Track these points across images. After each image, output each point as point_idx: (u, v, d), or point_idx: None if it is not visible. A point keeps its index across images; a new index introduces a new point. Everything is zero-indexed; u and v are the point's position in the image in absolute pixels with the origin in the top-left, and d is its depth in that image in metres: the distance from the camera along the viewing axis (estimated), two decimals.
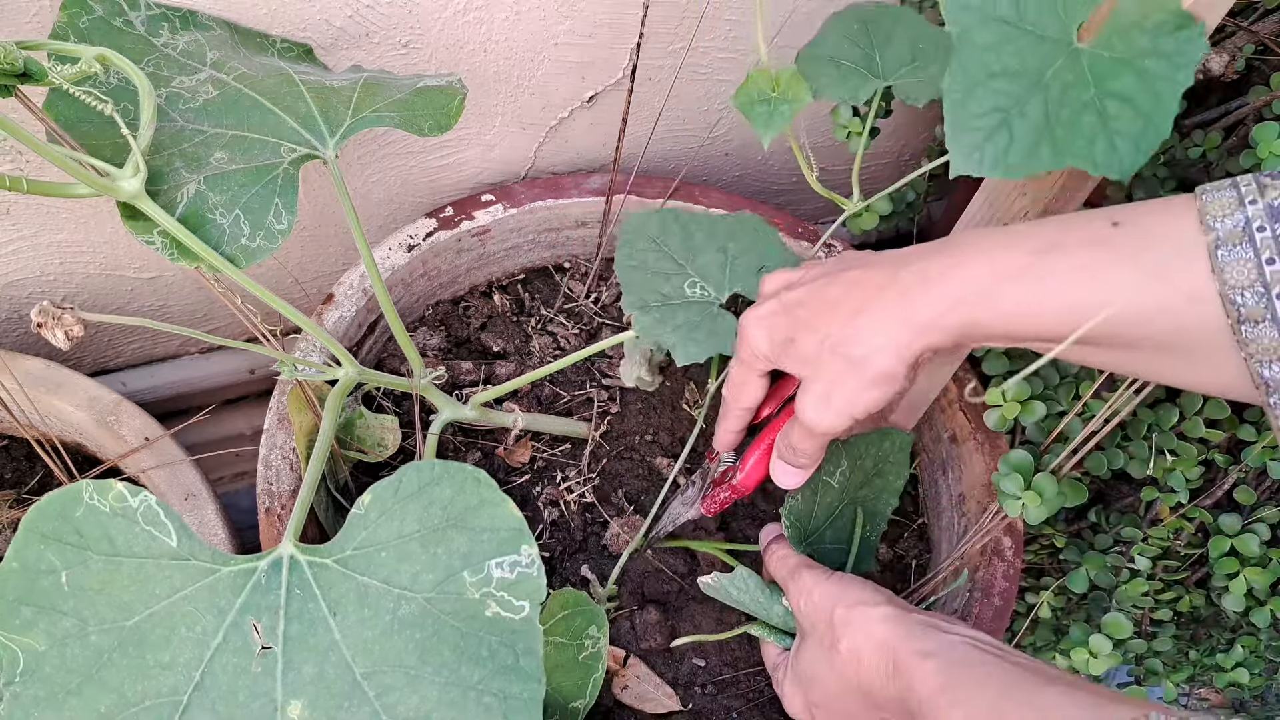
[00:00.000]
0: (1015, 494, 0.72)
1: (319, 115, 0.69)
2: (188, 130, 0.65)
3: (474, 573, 0.54)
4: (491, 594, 0.54)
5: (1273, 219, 0.43)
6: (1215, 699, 1.02)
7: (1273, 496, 0.83)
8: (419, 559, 0.54)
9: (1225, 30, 0.83)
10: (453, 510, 0.55)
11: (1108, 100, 0.51)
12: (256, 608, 0.54)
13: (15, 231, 0.82)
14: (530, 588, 0.54)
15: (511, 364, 0.93)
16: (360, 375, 0.70)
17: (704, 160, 1.09)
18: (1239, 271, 0.43)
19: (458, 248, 0.92)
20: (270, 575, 0.55)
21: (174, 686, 0.52)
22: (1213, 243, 0.43)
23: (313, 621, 0.54)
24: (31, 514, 0.52)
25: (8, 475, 0.89)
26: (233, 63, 0.69)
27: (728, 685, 0.83)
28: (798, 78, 0.69)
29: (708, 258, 0.77)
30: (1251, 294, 0.43)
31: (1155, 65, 0.50)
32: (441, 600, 0.54)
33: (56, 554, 0.52)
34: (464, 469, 0.55)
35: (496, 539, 0.54)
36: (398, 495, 0.56)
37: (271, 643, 0.53)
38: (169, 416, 0.93)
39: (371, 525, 0.55)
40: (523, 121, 0.94)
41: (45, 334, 0.52)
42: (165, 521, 0.54)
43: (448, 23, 0.81)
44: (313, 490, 0.62)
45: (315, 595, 0.54)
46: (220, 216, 0.63)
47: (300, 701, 0.52)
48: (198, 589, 0.54)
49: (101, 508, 0.53)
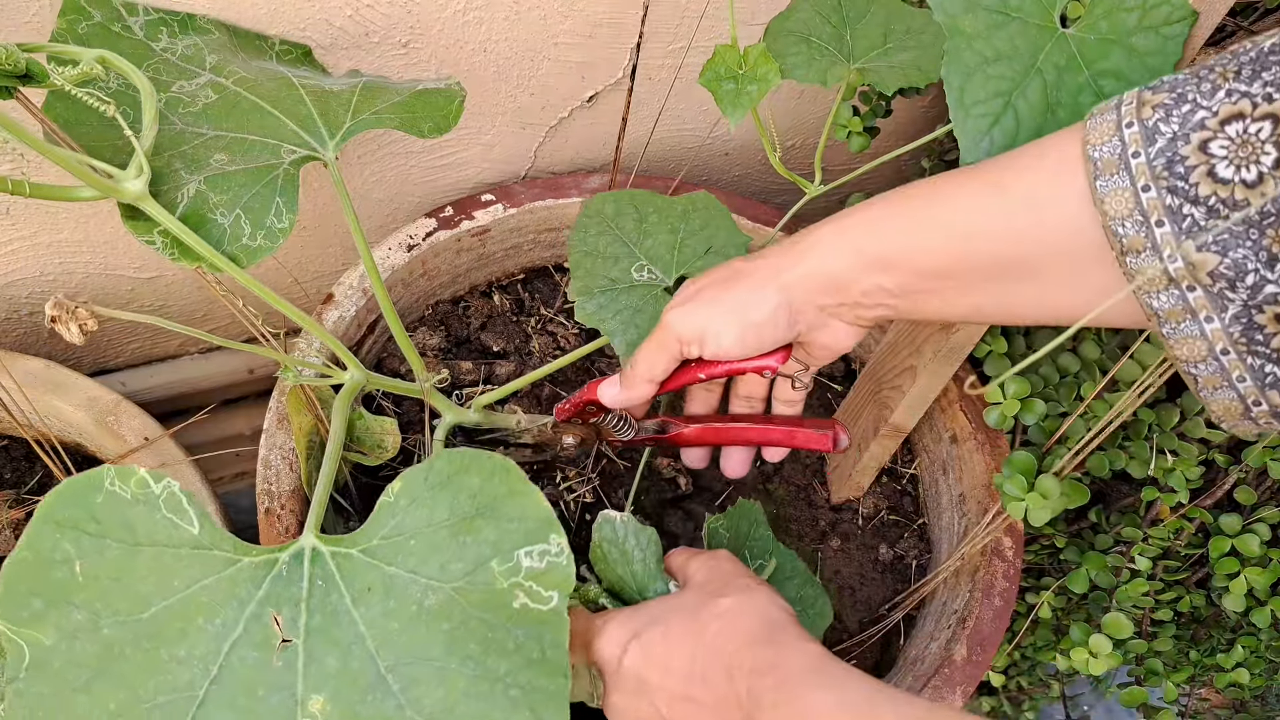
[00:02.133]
0: (1018, 496, 0.72)
1: (318, 118, 0.68)
2: (188, 133, 0.65)
3: (503, 561, 0.53)
4: (520, 584, 0.53)
5: (1147, 142, 0.42)
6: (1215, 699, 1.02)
7: (1273, 496, 0.83)
8: (447, 548, 0.53)
9: (1225, 29, 0.83)
10: (482, 498, 0.54)
11: (1103, 79, 0.51)
12: (278, 600, 0.53)
13: (15, 231, 0.82)
14: (560, 577, 0.53)
15: (511, 364, 0.93)
16: (367, 380, 0.70)
17: (704, 160, 1.09)
18: (1118, 201, 0.42)
19: (457, 247, 0.92)
20: (292, 566, 0.54)
21: (190, 681, 0.51)
22: (1091, 174, 0.43)
23: (335, 613, 0.53)
24: (48, 500, 0.51)
25: (7, 475, 0.89)
26: (232, 66, 0.69)
27: None
28: (766, 56, 0.66)
29: (658, 239, 0.75)
30: (1131, 224, 0.42)
31: (1144, 41, 0.51)
32: (469, 590, 0.53)
33: (72, 542, 0.51)
34: (493, 458, 0.54)
35: (525, 528, 0.53)
36: (428, 483, 0.54)
37: (292, 635, 0.52)
38: (169, 416, 0.93)
39: (402, 513, 0.54)
40: (523, 121, 0.94)
41: (59, 328, 0.51)
42: (188, 509, 0.52)
43: (448, 22, 0.81)
44: (330, 484, 0.62)
45: (339, 586, 0.53)
46: (221, 216, 0.63)
47: (322, 696, 0.51)
48: (218, 580, 0.52)
49: (123, 494, 0.52)
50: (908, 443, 0.95)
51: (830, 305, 0.58)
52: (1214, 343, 0.42)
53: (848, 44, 0.70)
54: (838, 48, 0.70)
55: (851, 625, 0.88)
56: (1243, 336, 0.42)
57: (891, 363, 0.82)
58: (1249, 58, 0.41)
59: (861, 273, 0.55)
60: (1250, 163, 0.39)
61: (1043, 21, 0.52)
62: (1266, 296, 0.40)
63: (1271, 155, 0.39)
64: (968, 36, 0.52)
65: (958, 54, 0.52)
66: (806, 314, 0.58)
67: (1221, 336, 0.42)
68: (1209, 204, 0.40)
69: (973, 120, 0.52)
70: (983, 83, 0.52)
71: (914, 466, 0.95)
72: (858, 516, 0.93)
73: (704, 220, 0.75)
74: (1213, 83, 0.41)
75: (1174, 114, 0.41)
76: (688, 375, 0.65)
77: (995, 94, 0.52)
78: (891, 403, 0.81)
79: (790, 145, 1.11)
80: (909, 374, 0.79)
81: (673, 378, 0.65)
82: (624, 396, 0.67)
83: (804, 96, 1.04)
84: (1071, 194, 0.45)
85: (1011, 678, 1.06)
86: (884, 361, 0.83)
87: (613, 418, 0.73)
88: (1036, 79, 0.52)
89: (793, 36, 0.70)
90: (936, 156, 1.10)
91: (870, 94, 0.86)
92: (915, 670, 0.81)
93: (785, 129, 1.08)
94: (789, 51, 0.69)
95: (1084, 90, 0.51)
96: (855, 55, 0.70)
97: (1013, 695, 1.08)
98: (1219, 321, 0.42)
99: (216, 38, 0.71)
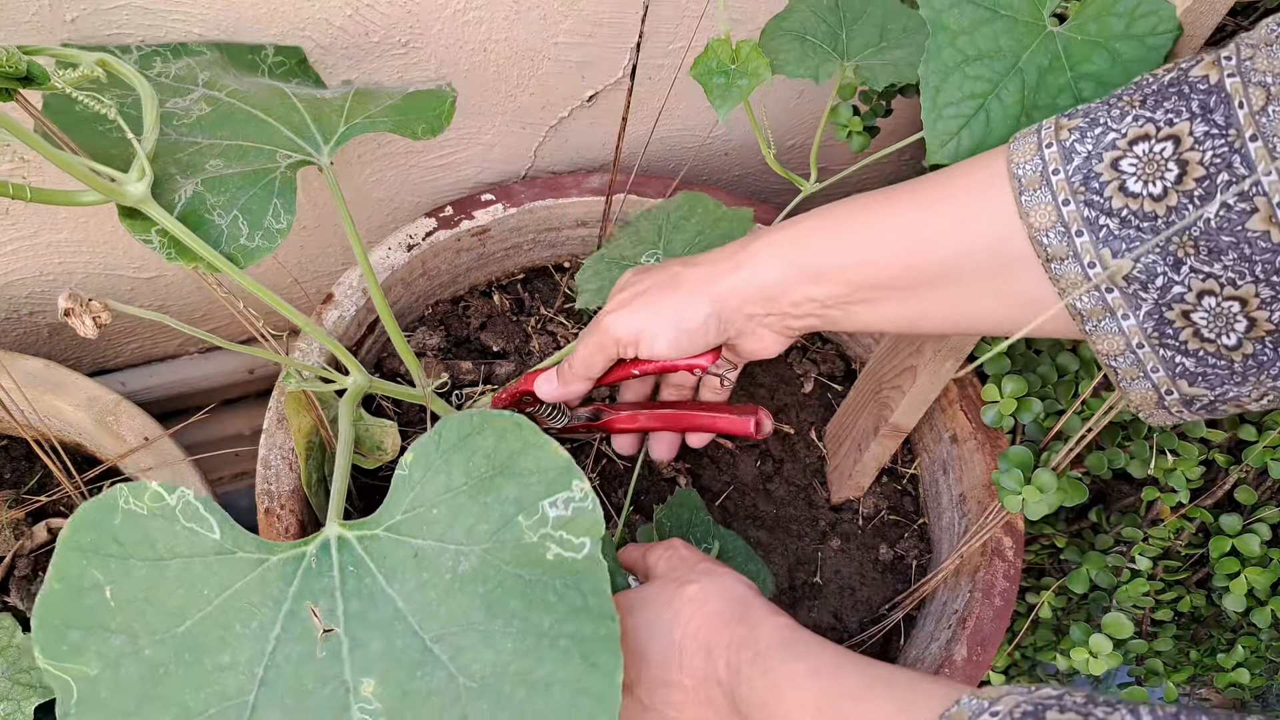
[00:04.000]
0: (1015, 489, 0.72)
1: (312, 123, 0.69)
2: (183, 142, 0.66)
3: (529, 515, 0.52)
4: (550, 535, 0.52)
5: (1065, 160, 0.46)
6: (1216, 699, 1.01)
7: (1273, 496, 0.83)
8: (471, 511, 0.53)
9: (1225, 29, 0.83)
10: (497, 458, 0.53)
11: (1083, 83, 0.52)
12: (311, 592, 0.52)
13: (15, 231, 0.82)
14: (588, 522, 0.52)
15: (511, 364, 0.93)
16: (370, 385, 0.70)
17: (704, 160, 1.09)
18: (1041, 214, 0.47)
19: (457, 247, 0.92)
20: (320, 558, 0.53)
21: (239, 688, 0.50)
22: (1016, 189, 0.48)
23: (372, 595, 0.52)
24: (69, 529, 0.51)
25: (7, 475, 0.89)
26: (224, 81, 0.70)
27: None
28: (757, 51, 0.66)
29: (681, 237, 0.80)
30: (1054, 234, 0.47)
31: (1127, 48, 0.51)
32: (500, 549, 0.52)
33: (99, 567, 0.50)
34: (503, 416, 0.54)
35: (545, 480, 0.53)
36: (440, 449, 0.54)
37: (333, 625, 0.52)
38: (168, 416, 0.93)
39: (418, 485, 0.54)
40: (522, 121, 0.94)
41: (73, 321, 0.50)
42: (206, 516, 0.52)
43: (448, 22, 0.81)
44: (346, 474, 0.62)
45: (369, 569, 0.53)
46: (218, 217, 0.63)
47: (372, 679, 0.51)
48: (248, 582, 0.52)
49: (139, 511, 0.51)
50: (908, 442, 0.95)
51: (759, 315, 0.61)
52: (1130, 338, 0.47)
53: (842, 42, 0.71)
54: (832, 45, 0.71)
55: (851, 625, 0.87)
56: (1155, 331, 0.46)
57: (892, 363, 0.82)
58: (1152, 89, 0.45)
59: (793, 284, 0.58)
60: (1156, 178, 0.44)
61: (1032, 19, 0.52)
62: (1174, 296, 0.45)
63: (1173, 171, 0.44)
64: (951, 33, 0.52)
65: (938, 51, 0.52)
66: (736, 321, 0.62)
67: (1137, 332, 0.47)
68: (1121, 215, 0.45)
69: (943, 122, 0.53)
70: (959, 83, 0.52)
71: (914, 466, 0.95)
72: (858, 516, 0.93)
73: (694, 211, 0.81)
74: (1121, 109, 0.46)
75: (1088, 135, 0.46)
76: (622, 371, 0.69)
77: (970, 95, 0.52)
78: (892, 403, 0.81)
79: (791, 144, 1.11)
80: (909, 374, 0.79)
81: (608, 374, 0.69)
82: (560, 392, 0.71)
83: (804, 96, 1.04)
84: (998, 208, 0.49)
85: (1012, 678, 1.06)
86: (884, 361, 0.83)
87: (547, 407, 0.76)
88: (1015, 80, 0.52)
89: (788, 35, 0.71)
90: None
91: (870, 94, 0.87)
92: (915, 670, 0.81)
93: (786, 128, 1.08)
94: (782, 48, 0.70)
95: (1064, 92, 0.51)
96: (850, 53, 0.71)
97: None
98: (1134, 319, 0.47)
99: (209, 58, 0.72)
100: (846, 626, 0.87)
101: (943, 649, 0.79)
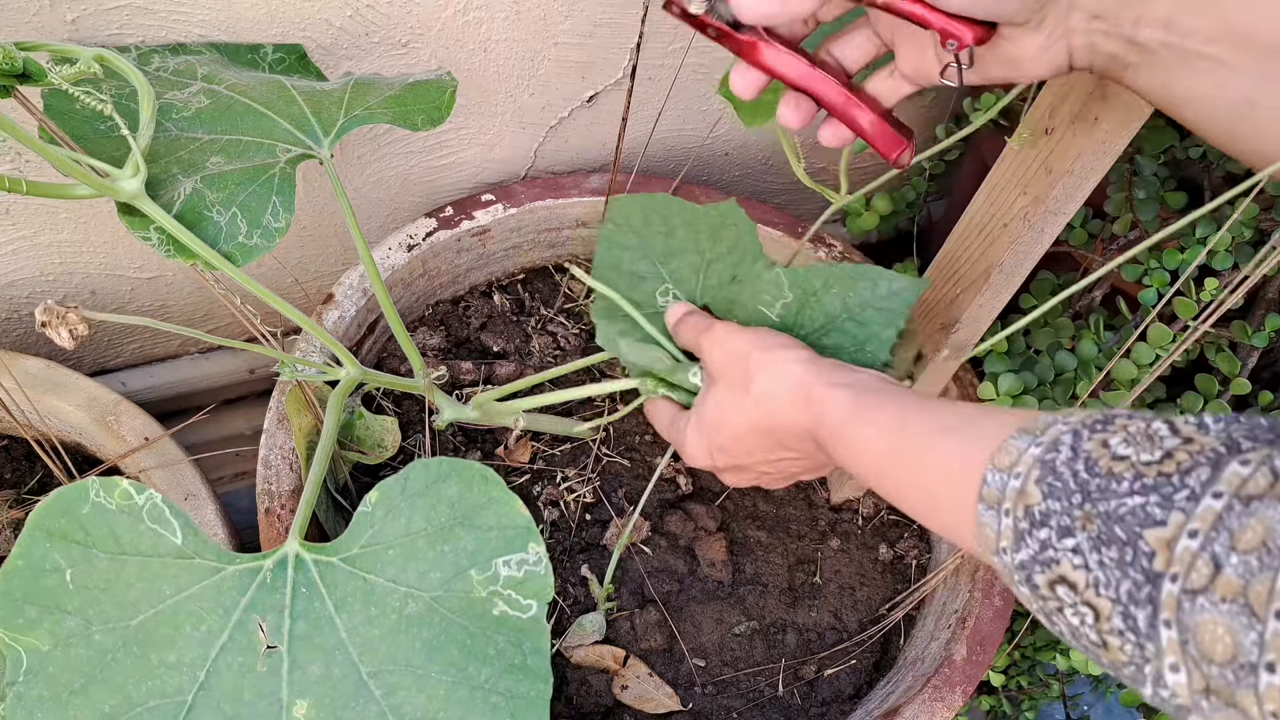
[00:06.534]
0: None
1: (311, 116, 0.69)
2: (183, 139, 0.66)
3: (481, 570, 0.54)
4: (499, 592, 0.54)
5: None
6: None
7: None
8: (426, 557, 0.54)
9: None
10: (460, 508, 0.55)
11: None
12: (262, 606, 0.54)
13: (15, 231, 0.82)
14: (538, 586, 0.54)
15: (511, 364, 0.93)
16: (363, 375, 0.70)
17: (704, 160, 1.09)
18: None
19: (458, 247, 0.92)
20: (276, 574, 0.54)
21: (179, 686, 0.52)
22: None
23: (319, 620, 0.54)
24: (38, 511, 0.52)
25: (7, 475, 0.89)
26: (223, 75, 0.70)
27: (728, 685, 0.83)
28: None
29: (685, 260, 0.72)
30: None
31: None
32: (449, 599, 0.54)
33: (62, 552, 0.52)
34: (471, 466, 0.55)
35: (504, 537, 0.54)
36: (405, 492, 0.55)
37: (277, 642, 0.53)
38: (169, 416, 0.93)
39: (378, 523, 0.55)
40: (523, 121, 0.94)
41: (50, 333, 0.51)
42: (171, 520, 0.53)
43: (448, 23, 0.81)
44: (316, 489, 0.62)
45: (321, 594, 0.54)
46: (217, 214, 0.63)
47: (306, 701, 0.52)
48: (203, 588, 0.53)
49: (107, 505, 0.53)
50: None
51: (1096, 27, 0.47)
52: None
53: None
54: None
55: (851, 625, 0.87)
56: None
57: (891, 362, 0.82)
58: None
59: None
60: None
61: None
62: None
63: None
64: None
65: None
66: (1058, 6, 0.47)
67: None
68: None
69: None
70: None
71: None
72: (858, 516, 0.93)
73: (732, 242, 0.71)
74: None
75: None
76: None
77: None
78: None
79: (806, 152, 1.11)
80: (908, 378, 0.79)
81: None
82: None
83: None
84: None
85: (1011, 677, 1.05)
86: None
87: None
88: None
89: None
90: (937, 154, 1.10)
91: None
92: (915, 670, 0.81)
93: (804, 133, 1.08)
94: None
95: None
96: None
97: (1012, 695, 1.08)
98: None
99: (208, 55, 0.72)
100: (846, 626, 0.87)
101: (942, 648, 0.79)
